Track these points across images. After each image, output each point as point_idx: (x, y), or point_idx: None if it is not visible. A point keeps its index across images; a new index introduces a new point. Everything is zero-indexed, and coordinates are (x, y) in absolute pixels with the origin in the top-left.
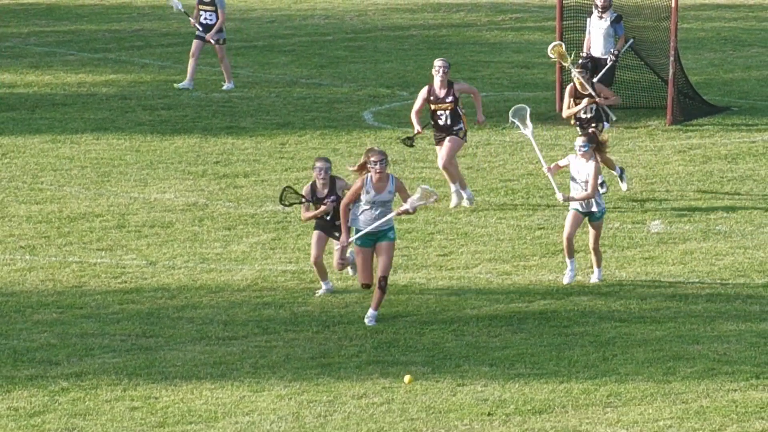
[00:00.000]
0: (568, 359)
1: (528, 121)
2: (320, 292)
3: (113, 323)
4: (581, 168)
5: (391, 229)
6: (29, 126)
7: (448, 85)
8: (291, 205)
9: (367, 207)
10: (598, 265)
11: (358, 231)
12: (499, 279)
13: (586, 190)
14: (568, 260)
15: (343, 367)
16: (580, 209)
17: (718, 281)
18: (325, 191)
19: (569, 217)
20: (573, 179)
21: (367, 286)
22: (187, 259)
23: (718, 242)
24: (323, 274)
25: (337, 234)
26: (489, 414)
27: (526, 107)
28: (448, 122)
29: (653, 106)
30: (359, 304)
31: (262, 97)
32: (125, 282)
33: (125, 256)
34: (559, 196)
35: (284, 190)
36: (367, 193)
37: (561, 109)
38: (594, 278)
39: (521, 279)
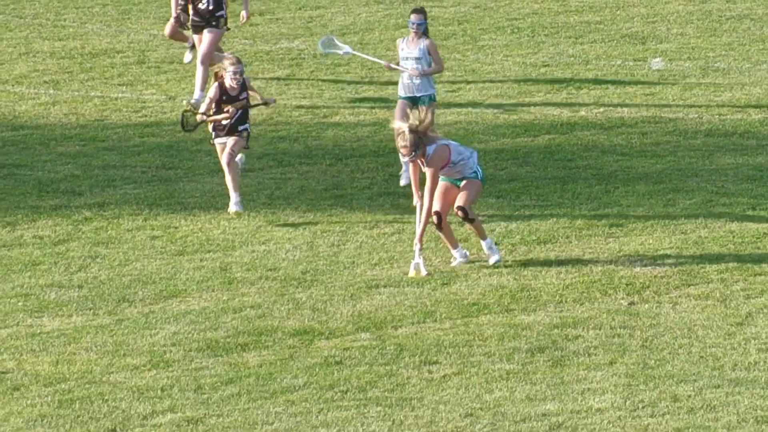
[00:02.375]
0: (572, 191)
1: (340, 44)
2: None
3: (134, 155)
4: (413, 47)
5: (474, 172)
6: None
7: None
8: (196, 127)
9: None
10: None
11: None
12: (506, 114)
13: (418, 67)
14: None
15: (355, 199)
16: (405, 94)
17: (716, 116)
18: (236, 91)
19: (398, 107)
20: (404, 59)
21: (437, 215)
22: None
23: (716, 78)
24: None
25: (240, 130)
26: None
27: (330, 36)
28: (210, 7)
29: None
30: (371, 138)
31: None
32: (146, 116)
33: (145, 90)
34: (385, 63)
35: (183, 115)
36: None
37: None
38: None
39: (526, 114)
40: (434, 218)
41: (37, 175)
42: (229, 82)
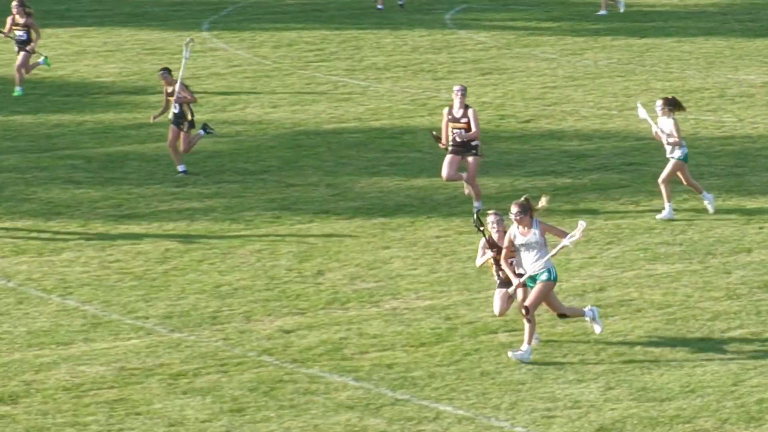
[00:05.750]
0: None
1: (642, 113)
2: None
3: (714, 158)
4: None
5: (545, 271)
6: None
7: (465, 107)
8: (478, 228)
9: (521, 250)
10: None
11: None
12: None
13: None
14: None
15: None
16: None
17: None
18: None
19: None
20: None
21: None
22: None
23: None
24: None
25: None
26: None
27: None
28: (464, 138)
29: None
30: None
31: None
32: (725, 132)
33: (724, 115)
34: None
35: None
36: (515, 237)
37: None
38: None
39: None
40: (522, 311)
41: (652, 170)
42: (494, 234)
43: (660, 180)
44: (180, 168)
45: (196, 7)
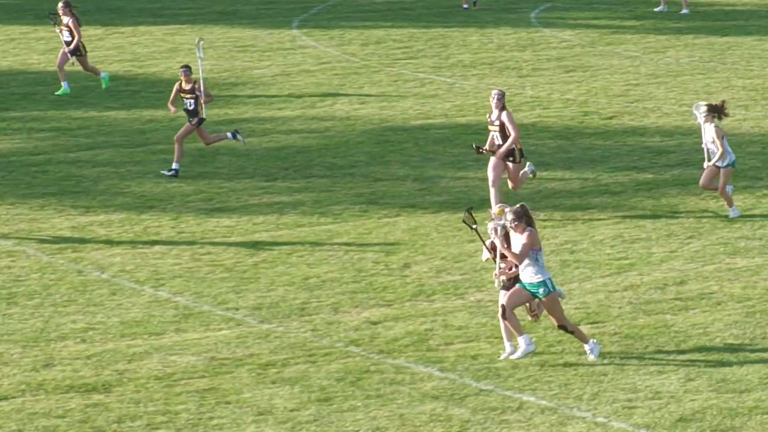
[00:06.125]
0: None
1: (697, 113)
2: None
3: None
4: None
5: (542, 285)
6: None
7: (501, 109)
8: (470, 225)
9: None
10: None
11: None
12: None
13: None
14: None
15: None
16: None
17: None
18: (505, 245)
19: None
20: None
21: (502, 308)
22: None
23: None
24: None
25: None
26: None
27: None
28: (500, 141)
29: None
30: None
31: None
32: None
33: None
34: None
35: (465, 212)
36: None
37: None
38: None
39: None
40: (500, 310)
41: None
42: (496, 241)
43: (718, 192)
44: (174, 166)
45: (286, 6)
